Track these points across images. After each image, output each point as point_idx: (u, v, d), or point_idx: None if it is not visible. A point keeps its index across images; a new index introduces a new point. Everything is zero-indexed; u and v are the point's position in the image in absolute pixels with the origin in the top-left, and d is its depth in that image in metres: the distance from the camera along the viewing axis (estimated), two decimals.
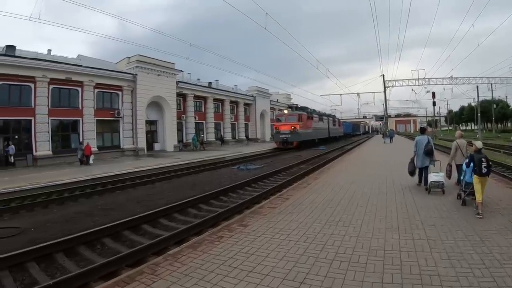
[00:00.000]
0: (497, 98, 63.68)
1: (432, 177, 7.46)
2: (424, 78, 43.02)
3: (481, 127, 51.84)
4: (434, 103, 38.49)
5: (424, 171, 8.12)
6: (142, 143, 29.03)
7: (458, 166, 7.38)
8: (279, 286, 3.25)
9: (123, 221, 6.64)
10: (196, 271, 3.71)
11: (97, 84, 25.56)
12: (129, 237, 6.18)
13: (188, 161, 20.16)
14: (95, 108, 25.51)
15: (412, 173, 8.54)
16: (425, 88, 44.51)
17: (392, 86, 45.28)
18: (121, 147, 27.69)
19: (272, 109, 55.11)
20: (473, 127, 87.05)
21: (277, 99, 59.29)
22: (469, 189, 6.11)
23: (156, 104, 31.70)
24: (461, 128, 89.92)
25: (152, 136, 32.72)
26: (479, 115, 45.80)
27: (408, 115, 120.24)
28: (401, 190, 8.01)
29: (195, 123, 36.56)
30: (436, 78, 43.61)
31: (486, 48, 55.19)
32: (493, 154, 19.39)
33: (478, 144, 6.00)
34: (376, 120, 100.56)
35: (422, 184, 8.13)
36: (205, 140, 35.37)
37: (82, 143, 20.92)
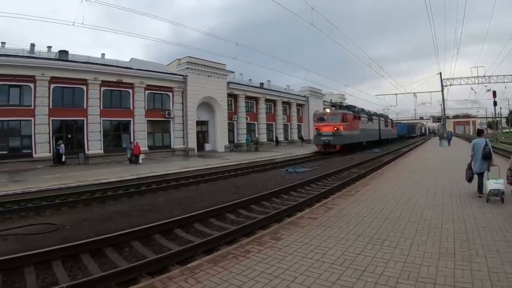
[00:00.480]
0: None
1: (492, 185, 7.08)
2: (484, 76, 40.52)
3: None
4: (495, 103, 37.84)
5: (481, 177, 7.79)
6: (193, 143, 30.14)
7: None
8: None
9: (156, 225, 6.60)
10: None
11: (148, 86, 27.23)
12: (159, 242, 6.09)
13: (237, 162, 20.25)
14: (146, 109, 27.16)
15: (470, 180, 8.20)
16: (485, 87, 42.53)
17: (450, 85, 43.47)
18: (172, 147, 29.08)
19: None
20: None
21: (331, 100, 57.90)
22: None
23: (207, 105, 32.87)
24: None
25: (203, 137, 33.91)
26: None
27: (467, 116, 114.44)
28: (459, 201, 7.42)
29: (247, 124, 37.35)
30: (497, 76, 40.81)
31: None
32: None
33: None
34: (433, 121, 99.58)
35: (480, 193, 7.79)
36: (260, 141, 36.04)
37: (132, 143, 22.08)
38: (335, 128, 27.07)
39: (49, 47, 25.85)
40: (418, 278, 3.51)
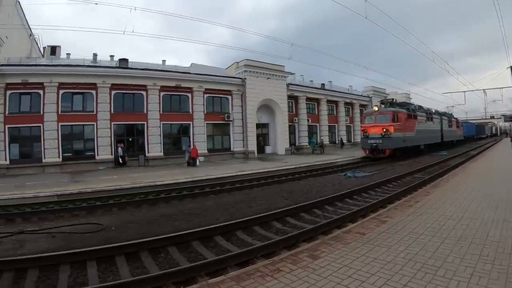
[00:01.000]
0: None
1: None
2: None
3: None
4: None
5: None
6: (252, 146, 30.63)
7: None
8: None
9: (196, 231, 6.62)
10: None
11: (206, 89, 28.49)
12: (196, 249, 6.08)
13: (295, 166, 20.01)
14: (205, 112, 28.41)
15: None
16: None
17: None
18: (231, 150, 29.92)
19: None
20: None
21: (395, 99, 54.67)
22: None
23: (267, 107, 33.39)
24: None
25: (264, 139, 34.38)
26: None
27: None
28: None
29: (308, 126, 37.40)
30: None
31: None
32: None
33: None
34: (505, 121, 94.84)
35: None
36: (324, 143, 35.64)
37: (190, 146, 22.89)
38: (384, 129, 24.07)
39: (112, 56, 28.20)
40: None
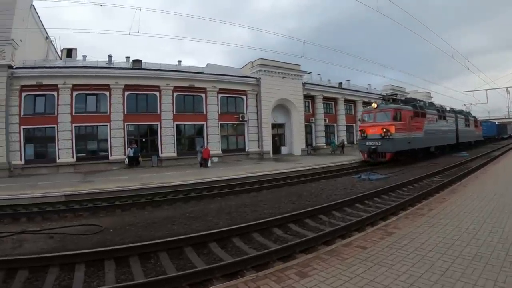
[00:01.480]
0: None
1: None
2: None
3: None
4: None
5: None
6: (268, 146, 30.33)
7: None
8: None
9: (190, 236, 6.45)
10: None
11: (220, 89, 28.37)
12: (188, 256, 5.87)
13: (308, 167, 19.64)
14: (219, 113, 28.32)
15: None
16: None
17: None
18: (246, 150, 29.73)
19: None
20: None
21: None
22: None
23: (283, 107, 33.01)
24: None
25: (280, 139, 34.02)
26: None
27: None
28: None
29: (325, 126, 36.74)
30: None
31: None
32: None
33: None
34: None
35: None
36: (345, 144, 35.25)
37: (203, 146, 22.92)
38: (384, 130, 21.17)
39: (127, 58, 28.56)
40: None
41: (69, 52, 29.13)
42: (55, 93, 21.99)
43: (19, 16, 23.05)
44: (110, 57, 27.75)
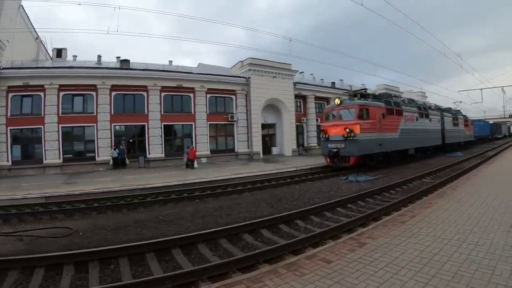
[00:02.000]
0: None
1: None
2: None
3: None
4: None
5: None
6: (257, 147, 30.27)
7: None
8: None
9: (153, 242, 6.30)
10: None
11: (209, 89, 28.33)
12: (148, 263, 5.73)
13: (296, 168, 19.58)
14: (208, 113, 28.28)
15: None
16: None
17: None
18: (236, 151, 29.68)
19: None
20: None
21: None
22: None
23: (274, 107, 32.94)
24: None
25: (270, 140, 33.97)
26: None
27: None
28: None
29: (317, 126, 36.30)
30: None
31: None
32: None
33: None
34: None
35: None
36: None
37: (189, 147, 22.79)
38: (347, 130, 18.13)
39: (118, 58, 28.32)
40: None
41: (59, 52, 29.02)
42: (42, 94, 21.87)
43: (7, 17, 22.96)
44: (100, 57, 27.64)
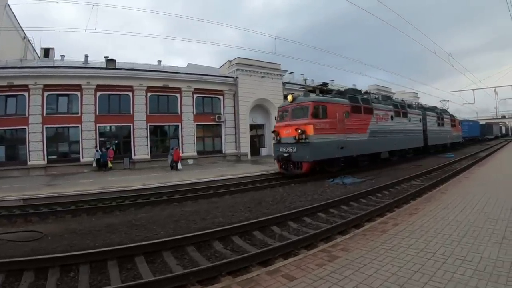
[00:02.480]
0: None
1: None
2: None
3: None
4: None
5: None
6: (245, 148, 30.08)
7: None
8: None
9: (117, 248, 6.12)
10: None
11: (196, 89, 28.06)
12: (108, 271, 5.55)
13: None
14: (195, 113, 27.97)
15: None
16: None
17: None
18: (223, 152, 29.44)
19: None
20: None
21: (401, 99, 53.97)
22: None
23: (262, 108, 32.72)
24: None
25: (259, 141, 33.69)
26: None
27: None
28: None
29: None
30: None
31: None
32: None
33: None
34: None
35: None
36: None
37: (173, 148, 22.69)
38: (299, 131, 15.65)
39: (106, 57, 28.03)
40: None
41: (47, 52, 28.75)
42: (26, 94, 21.51)
43: None
44: (87, 57, 27.31)
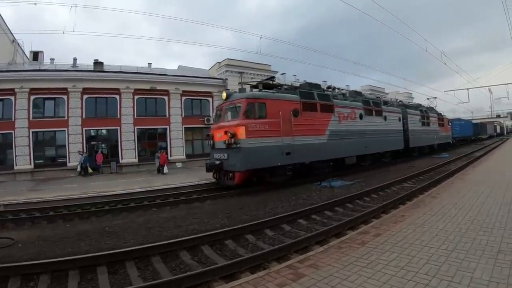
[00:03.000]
0: None
1: None
2: None
3: None
4: None
5: None
6: None
7: None
8: None
9: (79, 258, 5.97)
10: None
11: (184, 92, 27.87)
12: (69, 281, 5.45)
13: None
14: (183, 116, 27.76)
15: None
16: None
17: None
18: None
19: None
20: None
21: (396, 99, 54.17)
22: None
23: None
24: None
25: None
26: None
27: None
28: None
29: None
30: None
31: None
32: None
33: None
34: None
35: None
36: None
37: (159, 152, 22.68)
38: (228, 133, 13.34)
39: (96, 60, 27.85)
40: None
41: (36, 55, 28.52)
42: (13, 98, 21.28)
43: None
44: (75, 60, 27.05)
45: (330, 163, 17.51)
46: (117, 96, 24.63)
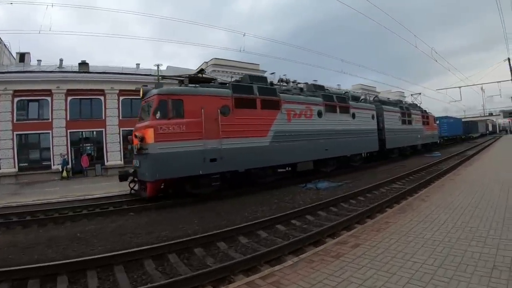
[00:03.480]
0: None
1: None
2: None
3: None
4: None
5: None
6: None
7: None
8: None
9: (40, 266, 5.93)
10: None
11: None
12: None
13: None
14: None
15: None
16: None
17: None
18: None
19: None
20: None
21: (388, 98, 54.19)
22: None
23: None
24: None
25: None
26: None
27: None
28: None
29: None
30: None
31: None
32: None
33: None
34: (504, 117, 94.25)
35: None
36: None
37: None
38: (138, 137, 11.70)
39: (83, 61, 27.63)
40: None
41: (22, 57, 28.34)
42: None
43: None
44: (61, 61, 26.92)
45: (278, 170, 15.45)
46: (102, 98, 24.51)
